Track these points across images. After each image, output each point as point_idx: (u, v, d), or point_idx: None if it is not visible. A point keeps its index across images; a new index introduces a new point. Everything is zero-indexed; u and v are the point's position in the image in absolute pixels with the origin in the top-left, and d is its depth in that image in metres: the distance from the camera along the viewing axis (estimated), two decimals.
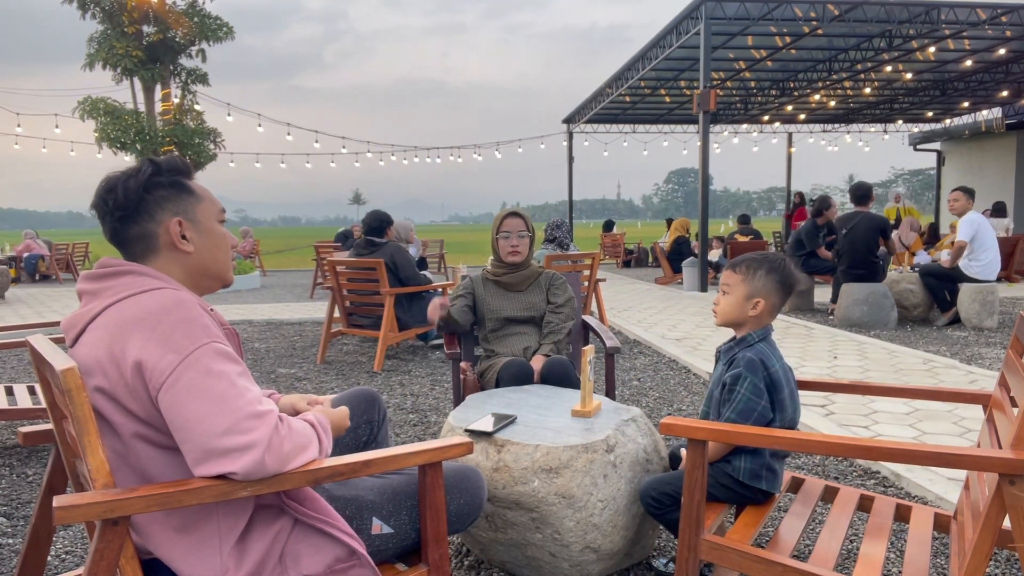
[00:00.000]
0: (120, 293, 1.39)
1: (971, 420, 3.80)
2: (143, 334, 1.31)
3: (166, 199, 1.48)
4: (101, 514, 1.21)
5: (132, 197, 1.45)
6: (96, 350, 1.34)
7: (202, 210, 1.53)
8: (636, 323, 7.69)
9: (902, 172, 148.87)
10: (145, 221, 1.46)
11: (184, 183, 1.52)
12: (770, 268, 2.05)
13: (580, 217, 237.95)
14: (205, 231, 1.53)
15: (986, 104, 21.01)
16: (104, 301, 1.40)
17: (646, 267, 17.61)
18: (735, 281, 2.08)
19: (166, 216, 1.48)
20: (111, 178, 1.49)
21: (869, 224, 7.27)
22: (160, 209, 1.47)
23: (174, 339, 1.30)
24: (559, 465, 2.04)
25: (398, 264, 5.62)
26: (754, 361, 1.96)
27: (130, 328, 1.32)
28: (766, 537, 2.49)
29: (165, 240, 1.48)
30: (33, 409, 3.41)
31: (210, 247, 1.53)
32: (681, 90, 19.12)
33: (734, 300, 2.07)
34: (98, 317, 1.38)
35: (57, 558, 2.43)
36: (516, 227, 3.31)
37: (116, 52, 13.03)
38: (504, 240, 3.31)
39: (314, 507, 1.47)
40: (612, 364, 3.22)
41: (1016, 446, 1.44)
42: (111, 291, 1.41)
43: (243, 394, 1.31)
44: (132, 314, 1.34)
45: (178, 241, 1.48)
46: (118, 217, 1.46)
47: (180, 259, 1.49)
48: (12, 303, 10.93)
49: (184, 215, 1.50)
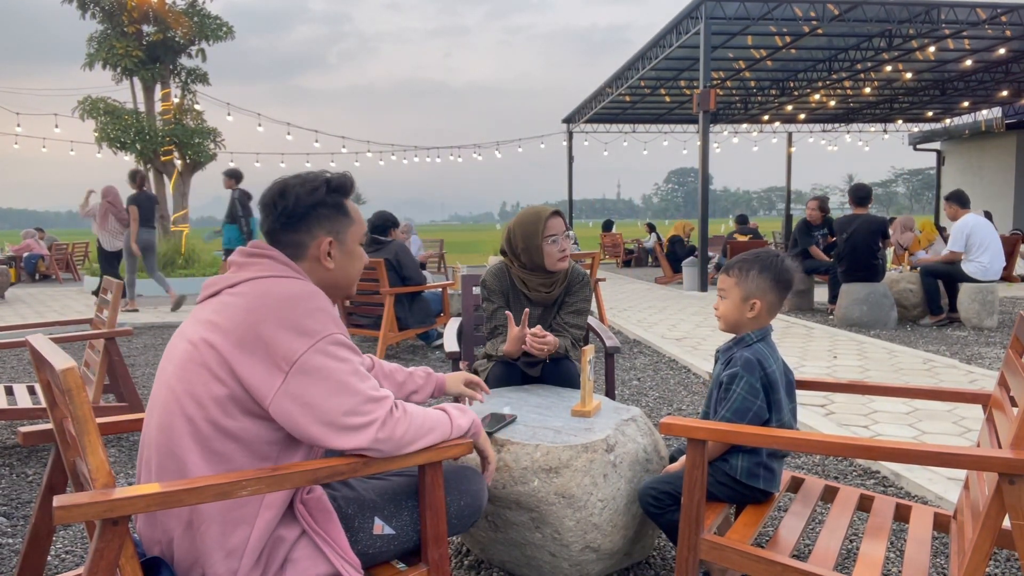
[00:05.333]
0: (263, 272, 1.50)
1: (971, 420, 3.80)
2: (278, 314, 1.40)
3: (326, 217, 1.59)
4: (101, 514, 1.21)
5: (300, 209, 1.56)
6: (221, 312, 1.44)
7: (352, 232, 1.64)
8: (636, 323, 7.70)
9: (902, 172, 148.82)
10: (303, 232, 1.57)
11: (344, 205, 1.63)
12: (762, 267, 2.02)
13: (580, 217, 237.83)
14: (348, 252, 1.64)
15: (986, 104, 21.01)
16: (246, 274, 1.50)
17: (646, 267, 17.61)
18: (729, 285, 2.06)
19: (321, 233, 1.58)
20: (286, 183, 1.59)
21: (870, 227, 7.27)
22: (319, 226, 1.58)
23: (306, 324, 1.41)
24: (559, 465, 2.04)
25: (402, 263, 5.64)
26: (751, 361, 1.95)
27: (266, 306, 1.42)
28: (766, 537, 2.49)
29: (313, 253, 1.58)
30: (33, 409, 3.41)
31: (347, 267, 1.64)
32: (681, 90, 19.12)
33: (731, 304, 2.05)
34: (237, 286, 1.49)
35: (57, 558, 2.44)
36: (561, 228, 2.82)
37: (116, 52, 13.01)
38: (552, 245, 2.79)
39: (322, 521, 1.49)
40: (612, 364, 3.22)
41: (1016, 446, 1.44)
42: (255, 267, 1.52)
43: (365, 379, 1.45)
44: (269, 293, 1.44)
45: (324, 258, 1.59)
46: (281, 222, 1.57)
47: (319, 271, 1.60)
48: (12, 303, 10.92)
49: (336, 235, 1.60)
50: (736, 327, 2.07)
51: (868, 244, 7.24)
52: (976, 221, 6.95)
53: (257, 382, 1.39)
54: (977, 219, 7.00)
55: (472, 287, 3.49)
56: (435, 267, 15.77)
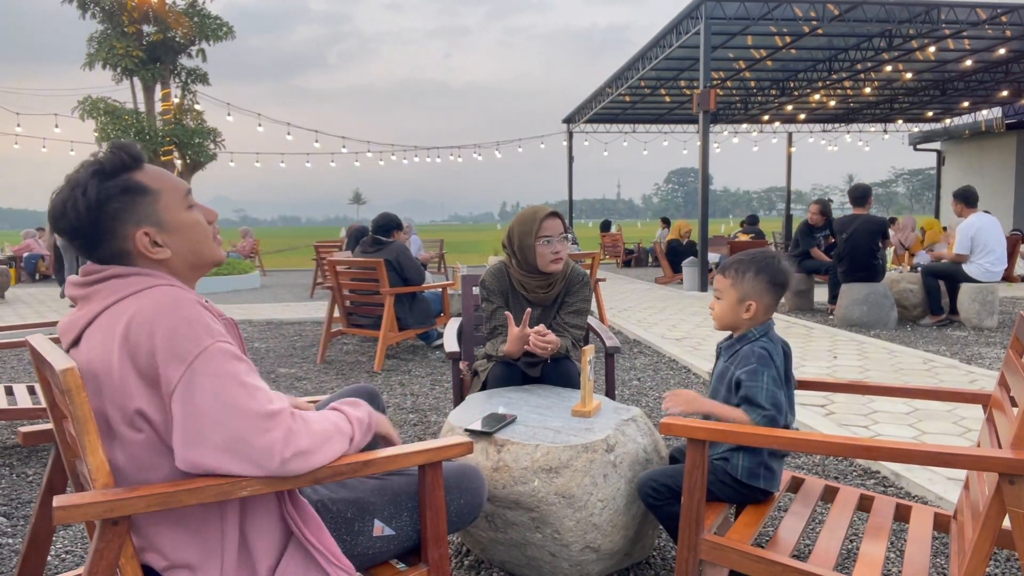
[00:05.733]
0: (113, 295, 1.33)
1: (971, 420, 3.80)
2: (145, 340, 1.26)
3: (122, 210, 1.35)
4: (101, 514, 1.21)
5: (85, 220, 1.34)
6: (96, 354, 1.32)
7: (164, 207, 1.39)
8: (636, 323, 7.69)
9: (902, 172, 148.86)
10: (108, 241, 1.36)
11: (135, 183, 1.37)
12: (758, 269, 2.03)
13: (580, 217, 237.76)
14: (175, 228, 1.40)
15: (986, 104, 21.01)
16: (97, 305, 1.34)
17: (646, 267, 17.61)
18: (725, 286, 2.07)
19: (128, 229, 1.36)
20: (56, 200, 1.36)
21: (869, 227, 7.27)
22: (119, 223, 1.35)
23: (176, 345, 1.25)
24: (559, 465, 2.04)
25: (403, 263, 5.69)
26: (764, 355, 1.97)
27: (131, 333, 1.27)
28: (766, 537, 2.49)
29: (137, 252, 1.38)
30: (33, 409, 3.41)
31: (186, 243, 1.42)
32: (681, 90, 19.12)
33: (727, 305, 2.07)
34: (96, 320, 1.34)
35: (57, 558, 2.43)
36: (557, 229, 2.78)
37: (116, 52, 13.01)
38: (545, 246, 2.77)
39: (312, 529, 1.42)
40: (612, 364, 3.22)
41: (1016, 446, 1.44)
42: (101, 295, 1.34)
43: (253, 395, 1.28)
44: (130, 318, 1.28)
45: (149, 252, 1.38)
46: (79, 245, 1.36)
47: (159, 264, 1.40)
48: (12, 303, 10.93)
49: (147, 222, 1.37)
50: (732, 327, 2.09)
51: (868, 244, 7.24)
52: (982, 222, 6.90)
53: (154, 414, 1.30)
54: (983, 219, 6.93)
55: (472, 287, 3.49)
56: (435, 267, 15.77)
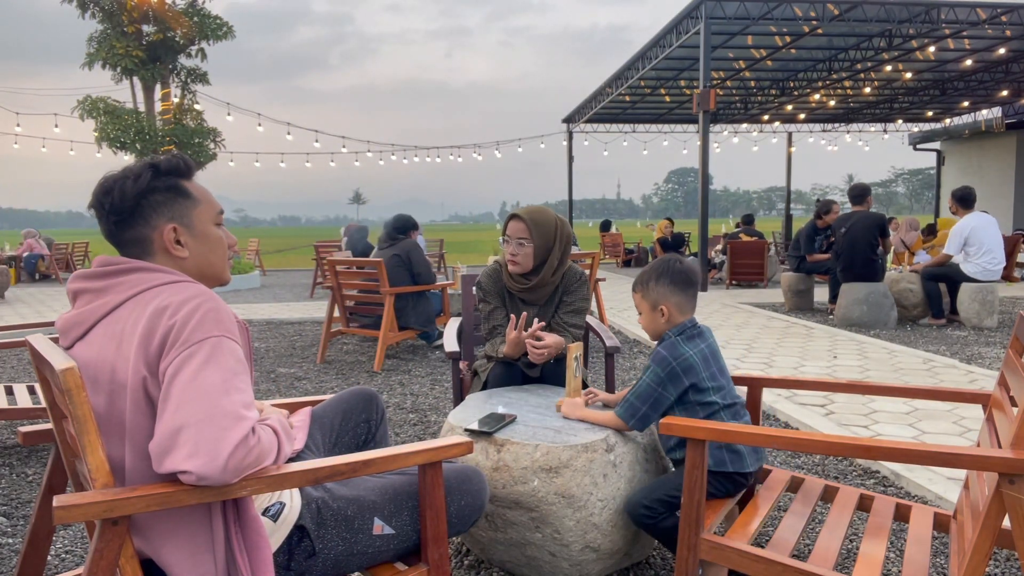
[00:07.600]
0: (140, 285, 1.40)
1: (971, 420, 3.80)
2: (166, 321, 1.32)
3: (162, 204, 1.47)
4: (101, 514, 1.21)
5: (128, 202, 1.45)
6: (112, 345, 1.35)
7: (198, 214, 1.52)
8: (636, 323, 7.69)
9: (902, 172, 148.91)
10: (140, 226, 1.46)
11: (182, 186, 1.51)
12: (658, 275, 2.18)
13: (580, 217, 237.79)
14: (200, 236, 1.52)
15: (986, 104, 21.01)
16: (117, 296, 1.40)
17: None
18: (638, 300, 2.23)
19: (161, 221, 1.47)
20: (109, 179, 1.48)
21: (867, 222, 7.27)
22: (156, 214, 1.47)
23: (197, 325, 1.31)
24: (559, 465, 2.04)
25: (412, 260, 5.79)
26: (660, 354, 2.09)
27: (161, 317, 1.33)
28: (766, 537, 2.49)
29: (159, 245, 1.48)
30: (33, 409, 3.41)
31: (205, 252, 1.53)
32: (681, 90, 19.13)
33: (646, 317, 2.22)
34: (115, 312, 1.39)
35: (57, 558, 2.43)
36: (517, 231, 2.81)
37: (116, 51, 13.02)
38: (504, 245, 2.86)
39: (251, 536, 1.38)
40: (612, 364, 3.22)
41: (1016, 445, 1.44)
42: (125, 285, 1.41)
43: (229, 393, 1.29)
44: (163, 302, 1.35)
45: (172, 247, 1.48)
46: (113, 221, 1.46)
47: (175, 263, 1.49)
48: (12, 303, 10.93)
49: (179, 221, 1.49)
50: (659, 334, 2.21)
51: (866, 239, 7.23)
52: (976, 222, 6.90)
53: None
54: (978, 220, 6.93)
55: (472, 287, 3.49)
56: (435, 267, 15.79)
